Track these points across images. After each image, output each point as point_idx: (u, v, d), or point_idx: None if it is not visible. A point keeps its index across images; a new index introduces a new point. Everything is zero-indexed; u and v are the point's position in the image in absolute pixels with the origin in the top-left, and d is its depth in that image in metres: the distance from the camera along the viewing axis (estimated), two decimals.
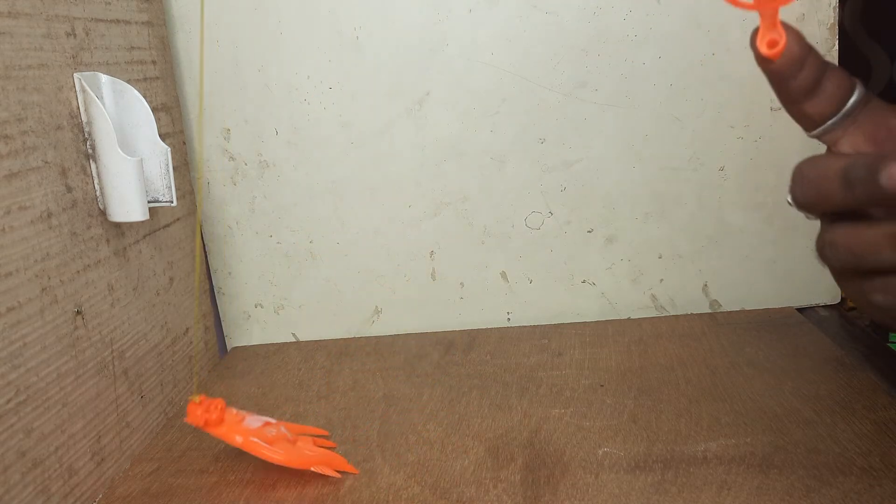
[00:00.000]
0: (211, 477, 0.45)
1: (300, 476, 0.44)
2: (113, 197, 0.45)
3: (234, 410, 0.43)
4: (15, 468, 0.37)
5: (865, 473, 0.38)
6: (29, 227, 0.39)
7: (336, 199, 0.62)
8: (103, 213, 0.45)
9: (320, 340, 0.65)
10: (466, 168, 0.61)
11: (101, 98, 0.44)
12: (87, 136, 0.44)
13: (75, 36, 0.44)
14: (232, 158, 0.62)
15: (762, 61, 0.30)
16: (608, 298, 0.63)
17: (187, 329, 0.57)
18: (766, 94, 0.50)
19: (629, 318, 0.63)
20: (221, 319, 0.66)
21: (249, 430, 0.42)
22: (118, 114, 0.46)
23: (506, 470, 0.42)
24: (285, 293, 0.65)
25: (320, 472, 0.43)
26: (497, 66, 0.58)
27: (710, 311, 0.63)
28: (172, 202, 0.48)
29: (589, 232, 0.62)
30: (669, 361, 0.53)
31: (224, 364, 0.62)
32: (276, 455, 0.42)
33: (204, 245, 0.63)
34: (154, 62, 0.54)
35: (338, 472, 0.43)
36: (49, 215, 0.41)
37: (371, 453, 0.45)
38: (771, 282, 0.62)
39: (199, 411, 0.41)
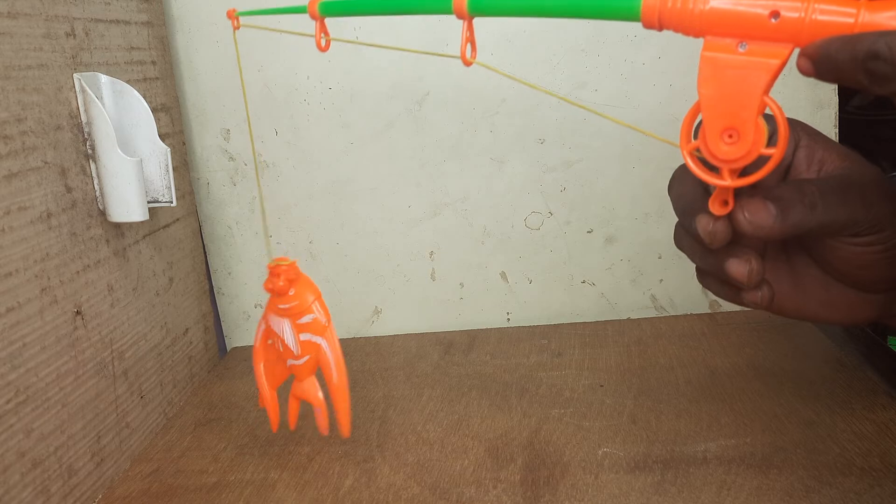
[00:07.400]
0: (210, 477, 0.45)
1: (300, 476, 0.44)
2: (113, 197, 0.45)
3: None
4: (15, 468, 0.37)
5: (865, 473, 0.38)
6: (29, 228, 0.39)
7: (336, 199, 0.62)
8: (103, 213, 0.45)
9: None
10: (466, 168, 0.61)
11: (100, 98, 0.44)
12: (86, 136, 0.44)
13: (75, 36, 0.44)
14: (232, 158, 0.62)
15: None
16: (608, 298, 0.63)
17: (187, 329, 0.57)
18: None
19: (629, 319, 0.63)
20: (221, 319, 0.66)
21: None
22: (118, 114, 0.46)
23: (506, 470, 0.42)
24: None
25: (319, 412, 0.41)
26: (497, 66, 0.58)
27: (709, 311, 0.63)
28: (172, 202, 0.48)
29: (589, 232, 0.62)
30: (669, 362, 0.53)
31: (224, 364, 0.62)
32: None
33: (204, 245, 0.63)
34: (154, 62, 0.54)
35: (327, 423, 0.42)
36: (49, 215, 0.41)
37: (371, 453, 0.45)
38: None
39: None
